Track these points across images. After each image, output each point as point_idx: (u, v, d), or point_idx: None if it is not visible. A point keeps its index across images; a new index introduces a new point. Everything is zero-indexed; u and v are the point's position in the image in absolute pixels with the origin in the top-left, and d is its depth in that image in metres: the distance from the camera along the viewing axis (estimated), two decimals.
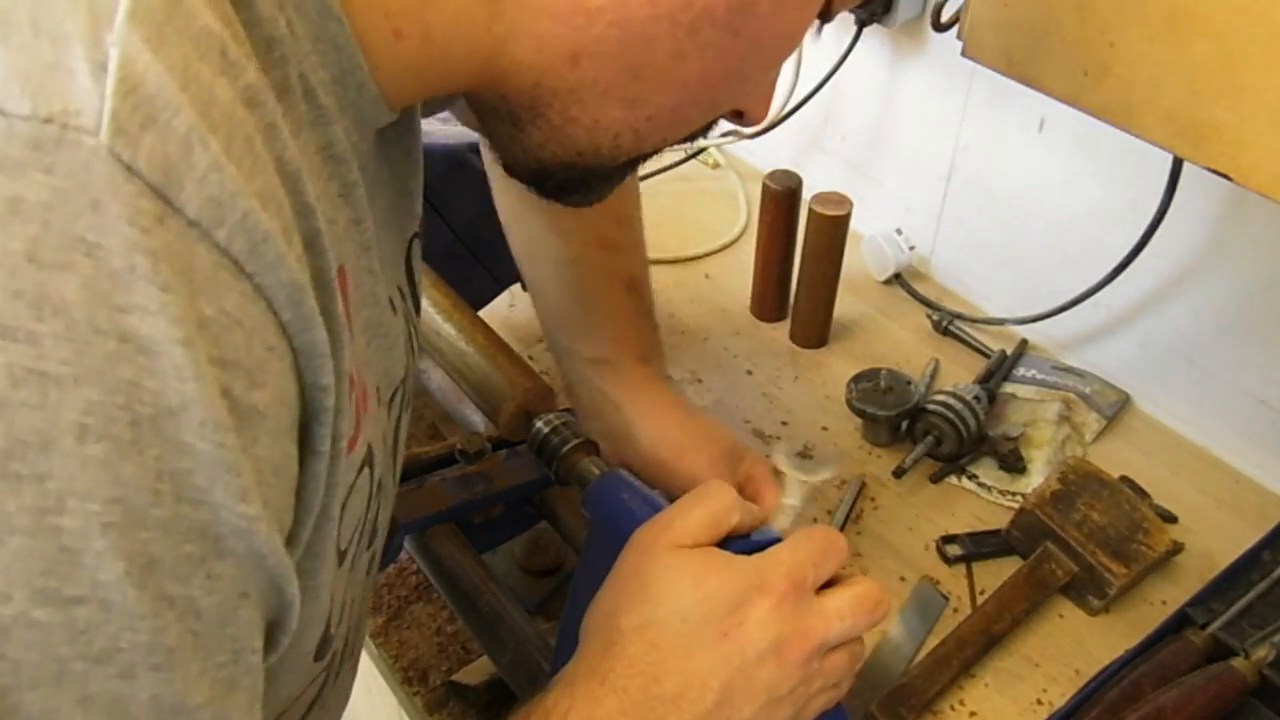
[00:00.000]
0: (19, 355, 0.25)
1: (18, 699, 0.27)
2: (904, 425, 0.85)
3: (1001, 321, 0.97)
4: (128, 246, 0.26)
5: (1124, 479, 0.79)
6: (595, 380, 0.72)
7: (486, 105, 0.44)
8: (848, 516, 0.80)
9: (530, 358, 0.90)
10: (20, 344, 0.25)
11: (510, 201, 0.75)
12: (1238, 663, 0.65)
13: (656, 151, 0.48)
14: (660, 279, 1.02)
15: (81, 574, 0.27)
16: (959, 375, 0.93)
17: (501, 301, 0.96)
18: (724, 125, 0.52)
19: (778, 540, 0.58)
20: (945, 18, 0.80)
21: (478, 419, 0.80)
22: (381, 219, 0.44)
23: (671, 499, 0.57)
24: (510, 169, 0.47)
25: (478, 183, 0.78)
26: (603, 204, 0.75)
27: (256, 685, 0.33)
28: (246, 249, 0.28)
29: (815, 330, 0.96)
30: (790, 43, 0.47)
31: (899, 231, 1.01)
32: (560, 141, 0.44)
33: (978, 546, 0.78)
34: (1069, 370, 0.93)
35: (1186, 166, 0.75)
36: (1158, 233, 0.80)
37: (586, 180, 0.48)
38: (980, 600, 0.74)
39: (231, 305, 0.28)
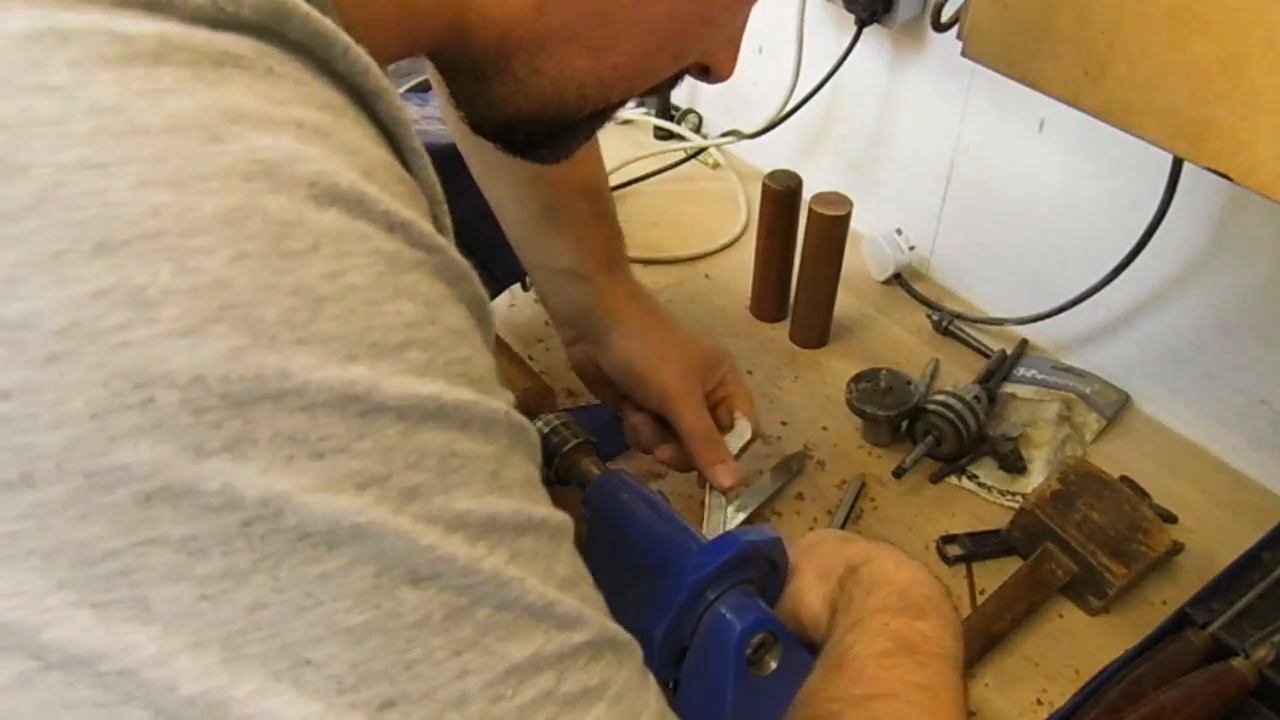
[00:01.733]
0: None
1: None
2: (904, 425, 0.85)
3: (1001, 321, 0.97)
4: None
5: (1124, 479, 0.79)
6: (566, 290, 0.74)
7: (452, 63, 0.44)
8: (848, 516, 0.79)
9: (530, 358, 0.90)
10: None
11: (468, 131, 0.76)
12: (1238, 663, 0.65)
13: (622, 103, 0.48)
14: (660, 279, 1.02)
15: None
16: (959, 375, 0.93)
17: (501, 301, 0.96)
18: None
19: (776, 540, 0.58)
20: (945, 18, 0.80)
21: None
22: None
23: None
24: (477, 126, 0.47)
25: (476, 182, 0.78)
26: None
27: None
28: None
29: (815, 330, 0.96)
30: None
31: (899, 231, 1.01)
32: (526, 94, 0.44)
33: (978, 546, 0.78)
34: (1069, 370, 0.93)
35: (1186, 166, 0.75)
36: (1158, 233, 0.80)
37: (553, 134, 0.47)
38: (980, 600, 0.74)
39: None
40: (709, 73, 0.51)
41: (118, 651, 0.24)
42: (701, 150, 1.17)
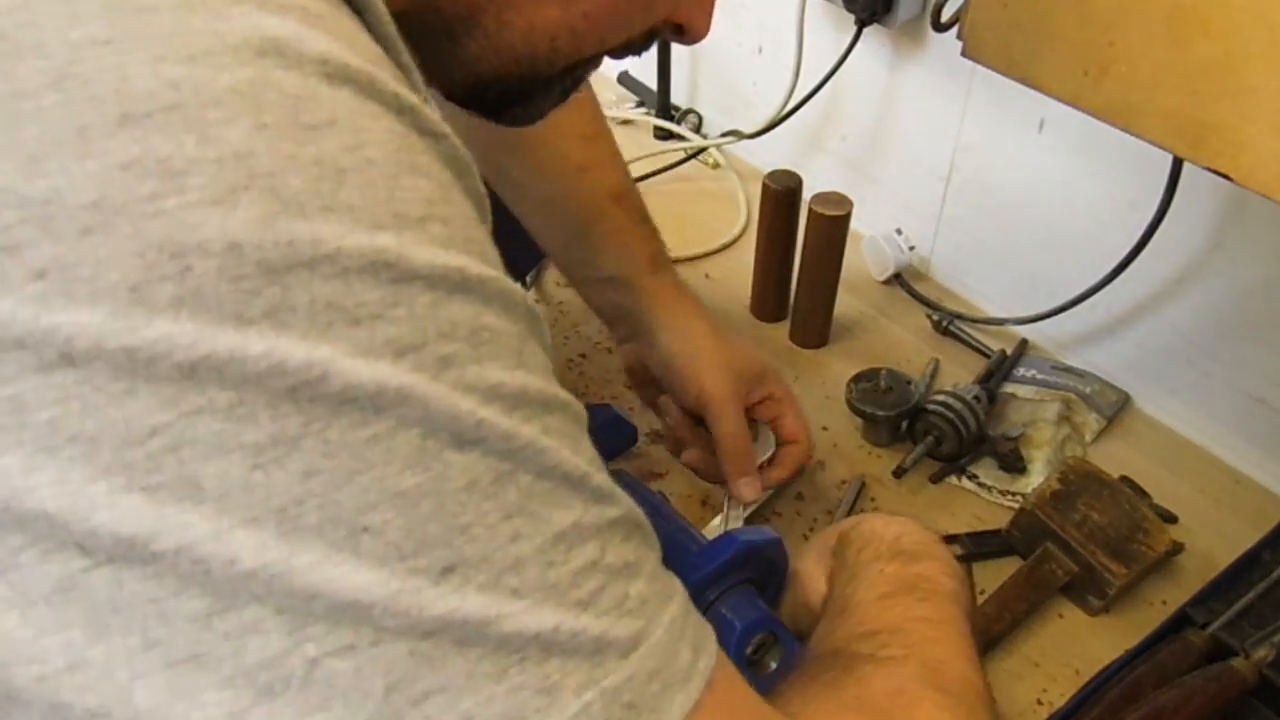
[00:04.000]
0: None
1: None
2: (904, 425, 0.85)
3: (1001, 321, 0.97)
4: None
5: (1124, 479, 0.79)
6: (610, 296, 0.75)
7: (420, 25, 0.43)
8: (848, 516, 0.79)
9: None
10: None
11: (493, 157, 0.76)
12: (1238, 663, 0.65)
13: (596, 58, 0.47)
14: None
15: None
16: (959, 375, 0.93)
17: None
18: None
19: (776, 540, 0.58)
20: (945, 18, 0.80)
21: None
22: None
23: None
24: (449, 92, 0.47)
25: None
26: (566, 128, 0.75)
27: None
28: None
29: (815, 330, 0.96)
30: None
31: (899, 231, 1.01)
32: (497, 50, 0.43)
33: (978, 546, 0.78)
34: (1069, 370, 0.93)
35: (1186, 166, 0.75)
36: (1158, 233, 0.80)
37: (526, 91, 0.47)
38: (980, 600, 0.74)
39: None
40: (684, 32, 0.50)
41: (172, 529, 0.24)
42: (701, 150, 1.17)
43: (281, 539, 0.25)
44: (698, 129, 1.21)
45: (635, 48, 0.48)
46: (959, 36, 0.65)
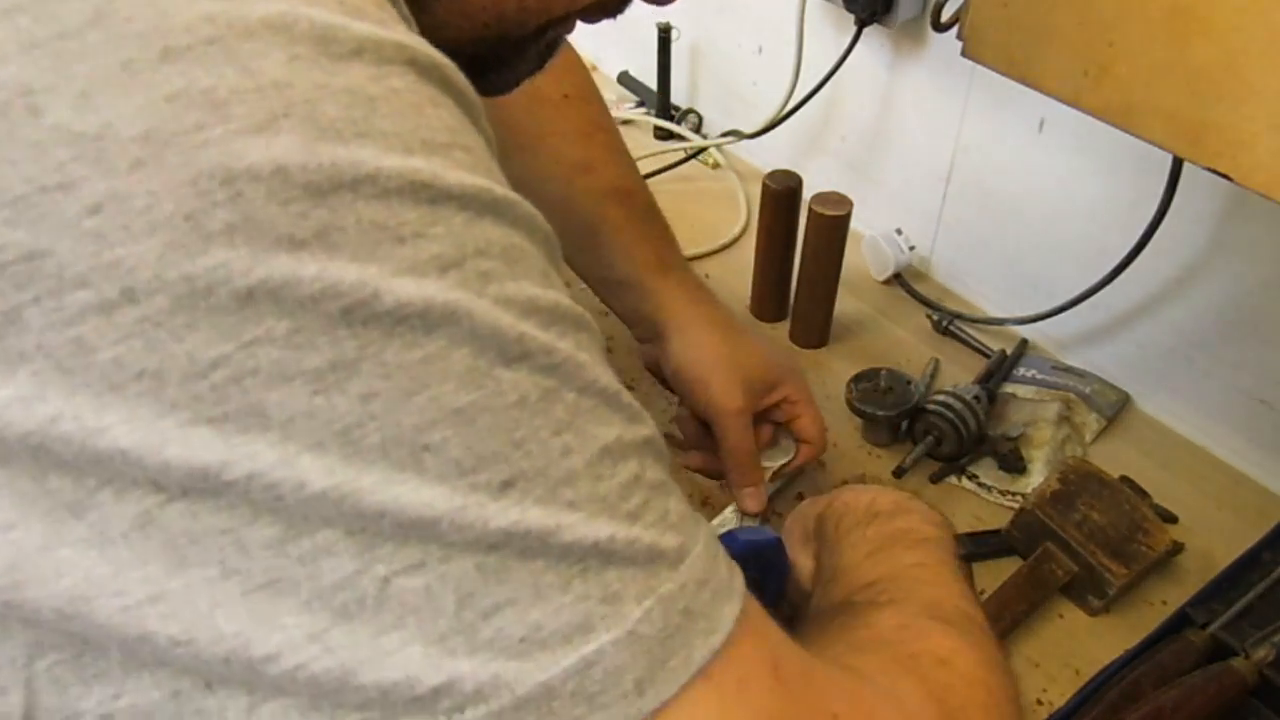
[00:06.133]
0: None
1: None
2: (904, 425, 0.85)
3: (1001, 321, 0.97)
4: None
5: (1124, 479, 0.79)
6: (624, 298, 0.75)
7: None
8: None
9: None
10: None
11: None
12: (1238, 663, 0.65)
13: (568, 18, 0.46)
14: None
15: None
16: (959, 375, 0.93)
17: None
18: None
19: (776, 540, 0.58)
20: (945, 18, 0.80)
21: None
22: None
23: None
24: None
25: None
26: (566, 128, 0.74)
27: None
28: None
29: (815, 330, 0.96)
30: None
31: (899, 231, 1.01)
32: (465, 13, 0.43)
33: (978, 546, 0.78)
34: (1069, 370, 0.93)
35: (1186, 166, 0.75)
36: (1158, 233, 0.80)
37: (500, 55, 0.46)
38: (980, 600, 0.74)
39: None
40: None
41: (241, 459, 0.24)
42: (701, 150, 1.17)
43: (346, 461, 0.25)
44: (698, 129, 1.21)
45: (608, 8, 0.47)
46: (959, 36, 0.65)
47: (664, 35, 1.15)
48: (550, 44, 0.48)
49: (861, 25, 0.94)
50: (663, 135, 1.21)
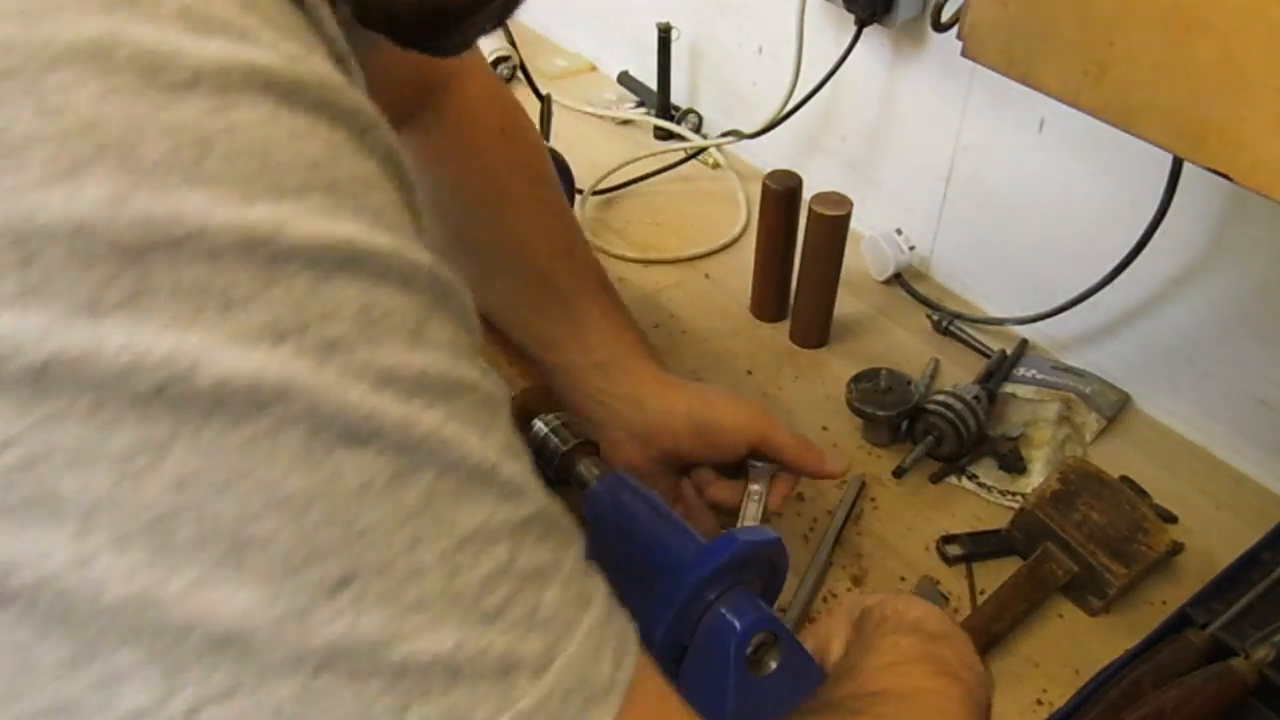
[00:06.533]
0: None
1: None
2: (904, 425, 0.85)
3: (1001, 321, 0.97)
4: None
5: (1124, 479, 0.79)
6: (604, 385, 0.69)
7: None
8: (848, 516, 0.79)
9: None
10: None
11: (456, 225, 0.72)
12: (1238, 663, 0.65)
13: None
14: (660, 279, 1.02)
15: None
16: (959, 375, 0.93)
17: None
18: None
19: (776, 540, 0.58)
20: (945, 18, 0.80)
21: None
22: None
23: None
24: (364, 19, 0.43)
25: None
26: (557, 213, 0.73)
27: None
28: None
29: (815, 330, 0.96)
30: None
31: (899, 231, 1.01)
32: None
33: (978, 546, 0.78)
34: (1069, 370, 0.93)
35: (1186, 166, 0.75)
36: (1158, 233, 0.80)
37: (441, 18, 0.44)
38: (980, 600, 0.74)
39: None
40: None
41: (30, 561, 0.21)
42: (701, 150, 1.17)
43: (153, 560, 0.22)
44: (698, 129, 1.21)
45: None
46: (959, 36, 0.65)
47: (664, 35, 1.15)
48: (497, 9, 0.45)
49: (861, 25, 0.94)
50: (663, 135, 1.21)
